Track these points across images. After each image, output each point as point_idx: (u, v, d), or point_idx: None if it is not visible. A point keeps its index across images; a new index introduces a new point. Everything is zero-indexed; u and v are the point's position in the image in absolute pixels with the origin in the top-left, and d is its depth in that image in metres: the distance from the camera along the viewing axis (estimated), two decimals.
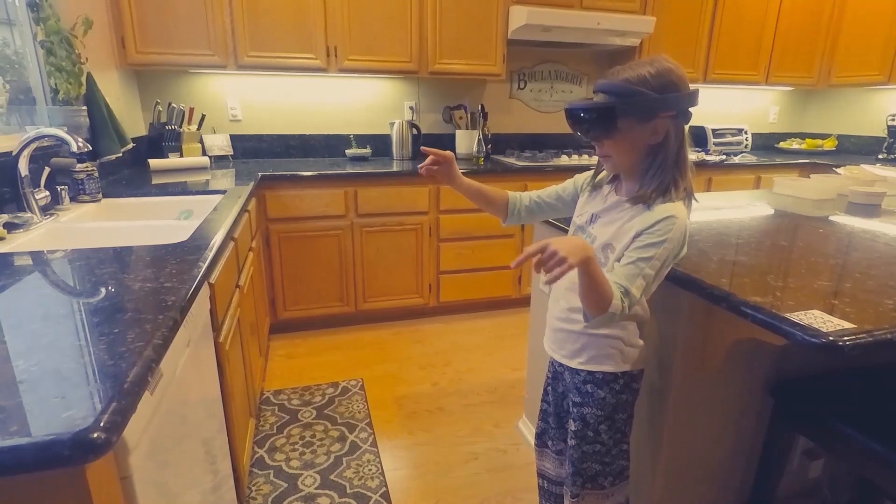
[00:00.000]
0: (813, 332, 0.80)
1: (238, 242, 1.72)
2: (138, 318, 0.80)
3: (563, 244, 0.84)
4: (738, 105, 4.16)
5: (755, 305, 0.90)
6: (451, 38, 2.91)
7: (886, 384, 1.21)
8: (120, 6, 2.38)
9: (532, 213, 1.32)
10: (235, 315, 1.59)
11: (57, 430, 0.52)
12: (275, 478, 1.74)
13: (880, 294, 0.97)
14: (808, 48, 3.75)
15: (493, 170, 2.96)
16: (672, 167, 1.00)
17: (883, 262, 1.16)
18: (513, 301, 3.16)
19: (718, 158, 3.50)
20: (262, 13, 2.58)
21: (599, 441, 1.13)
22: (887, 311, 0.89)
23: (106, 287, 0.94)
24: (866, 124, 3.95)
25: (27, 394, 0.60)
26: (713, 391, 1.27)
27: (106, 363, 0.67)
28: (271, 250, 2.63)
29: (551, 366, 1.26)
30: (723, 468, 1.37)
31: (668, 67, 0.98)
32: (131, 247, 1.19)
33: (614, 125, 0.98)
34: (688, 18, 3.37)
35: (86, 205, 1.77)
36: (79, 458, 0.53)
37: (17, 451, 0.51)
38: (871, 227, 1.55)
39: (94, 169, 1.83)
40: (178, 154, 2.68)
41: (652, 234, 0.95)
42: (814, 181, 2.05)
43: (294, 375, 2.40)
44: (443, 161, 1.24)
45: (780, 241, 1.36)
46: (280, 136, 3.11)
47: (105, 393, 0.59)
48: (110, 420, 0.55)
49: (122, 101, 2.48)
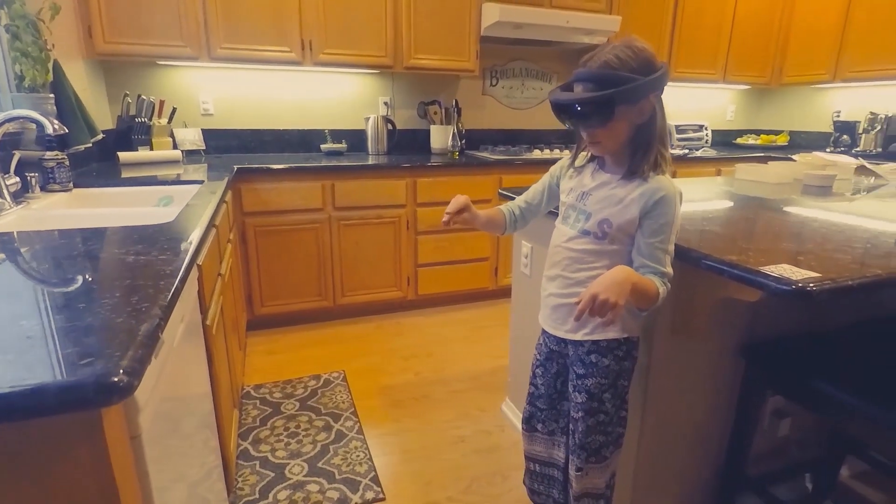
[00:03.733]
0: (785, 280, 0.87)
1: (219, 231, 1.70)
2: (138, 285, 0.80)
3: (607, 288, 0.95)
4: (698, 103, 4.35)
5: (732, 263, 0.97)
6: (425, 33, 2.95)
7: (842, 344, 1.30)
8: None
9: (525, 217, 1.37)
10: (219, 302, 1.57)
11: (78, 376, 0.53)
12: (261, 468, 1.72)
13: (839, 252, 1.05)
14: (762, 49, 3.96)
15: (467, 164, 3.00)
16: (657, 141, 1.06)
17: (837, 231, 1.25)
18: (490, 293, 3.21)
19: (682, 153, 3.65)
20: (236, 4, 2.55)
21: (604, 410, 1.17)
22: (846, 264, 0.97)
23: (100, 260, 0.93)
24: (815, 120, 4.18)
25: (39, 348, 0.59)
26: (691, 357, 1.34)
27: (115, 320, 0.66)
28: (247, 245, 2.59)
29: (544, 346, 1.28)
30: (702, 430, 1.44)
31: (642, 47, 1.04)
32: (119, 227, 1.17)
33: (611, 113, 1.01)
34: (651, 18, 3.51)
35: (56, 194, 1.72)
36: (103, 400, 0.53)
37: (41, 393, 0.51)
38: (826, 204, 1.66)
39: (65, 158, 1.77)
40: (147, 147, 2.62)
41: (658, 217, 1.05)
42: (772, 167, 2.17)
43: (274, 370, 2.37)
44: (462, 208, 1.25)
45: (747, 216, 1.45)
46: (254, 131, 3.07)
47: (122, 343, 0.60)
48: (130, 365, 0.56)
49: (88, 92, 2.41)
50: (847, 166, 2.26)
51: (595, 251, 1.13)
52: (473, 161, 3.04)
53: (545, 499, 1.39)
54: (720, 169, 3.68)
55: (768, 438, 1.54)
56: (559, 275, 1.19)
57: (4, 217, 1.37)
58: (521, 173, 3.03)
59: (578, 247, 1.15)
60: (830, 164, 2.20)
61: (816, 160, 2.26)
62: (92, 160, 2.39)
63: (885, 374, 1.15)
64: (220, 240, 1.75)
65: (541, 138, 3.72)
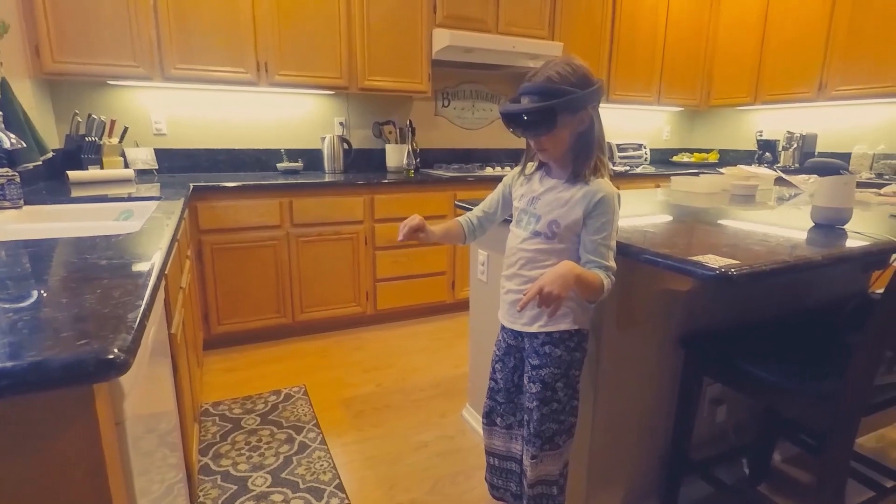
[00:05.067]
0: (709, 267, 0.99)
1: (180, 245, 1.71)
2: (117, 284, 0.83)
3: (552, 281, 1.06)
4: (637, 124, 4.66)
5: (665, 254, 1.09)
6: (379, 56, 3.06)
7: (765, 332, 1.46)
8: (34, 11, 2.29)
9: (483, 225, 1.46)
10: (182, 314, 1.57)
11: (79, 353, 0.57)
12: (223, 482, 1.71)
13: (757, 246, 1.20)
14: (691, 74, 4.32)
15: (423, 181, 3.10)
16: (597, 148, 1.19)
17: (756, 231, 1.42)
18: (448, 306, 3.29)
19: (623, 169, 3.90)
20: (190, 25, 2.58)
21: (556, 399, 1.26)
22: (761, 254, 1.11)
23: (72, 263, 0.95)
24: (741, 139, 4.57)
25: (38, 333, 0.63)
26: (636, 349, 1.46)
27: (102, 311, 0.70)
28: (203, 263, 2.57)
29: (503, 341, 1.38)
30: (649, 418, 1.55)
31: (580, 64, 1.18)
32: (87, 237, 1.18)
33: (554, 122, 1.14)
34: (589, 44, 3.78)
35: (7, 210, 1.68)
36: (102, 374, 0.57)
37: (44, 367, 0.54)
38: (748, 211, 1.86)
39: (16, 175, 1.74)
40: (98, 167, 2.58)
41: (599, 216, 1.17)
42: (702, 179, 2.39)
43: (233, 387, 2.35)
44: (417, 228, 1.32)
45: (681, 220, 1.61)
46: (208, 151, 3.06)
47: (114, 327, 0.64)
48: (124, 345, 0.60)
49: (36, 110, 2.36)
50: (767, 177, 2.51)
51: (546, 250, 1.24)
52: (428, 178, 3.15)
53: (503, 493, 1.47)
54: (658, 183, 3.94)
55: (708, 424, 1.67)
56: (516, 273, 1.29)
57: None
58: (474, 189, 3.16)
59: (531, 247, 1.26)
60: (753, 176, 2.43)
61: (741, 172, 2.50)
62: (40, 179, 2.33)
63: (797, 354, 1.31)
64: (181, 254, 1.75)
65: (492, 157, 3.89)
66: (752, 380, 1.26)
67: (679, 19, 4.14)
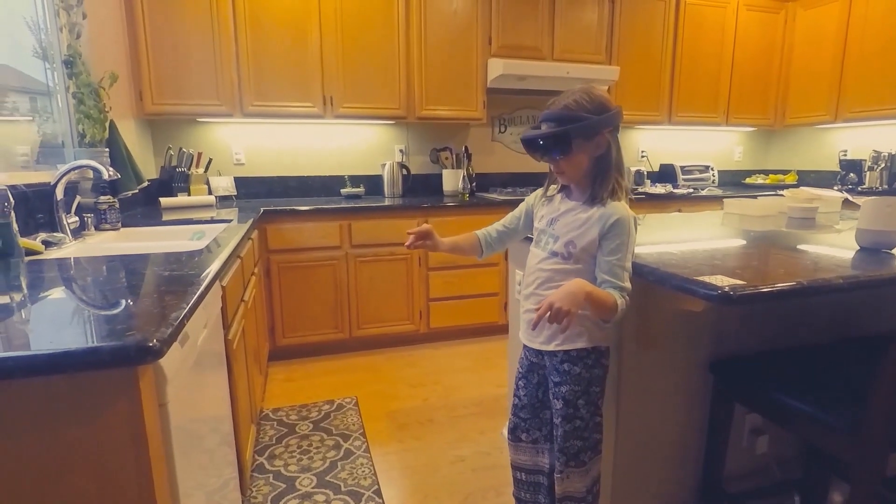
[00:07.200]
0: (711, 287, 1.00)
1: (244, 262, 1.92)
2: (171, 290, 1.00)
3: (561, 298, 1.10)
4: (704, 145, 4.50)
5: (671, 273, 1.11)
6: (435, 86, 3.24)
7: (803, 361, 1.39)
8: (139, 62, 2.69)
9: (502, 240, 1.53)
10: (241, 324, 1.77)
11: (125, 341, 0.72)
12: (274, 480, 1.87)
13: (780, 268, 1.18)
14: (762, 93, 4.14)
15: (476, 203, 3.21)
16: (615, 171, 1.24)
17: (790, 253, 1.38)
18: (500, 327, 3.33)
19: (685, 192, 3.78)
20: (266, 66, 2.90)
21: (579, 416, 1.29)
22: (779, 277, 1.10)
23: (143, 275, 1.14)
24: (823, 159, 4.27)
25: (97, 325, 0.79)
26: (658, 369, 1.45)
27: (152, 311, 0.86)
28: (271, 280, 2.82)
29: (525, 359, 1.42)
30: (677, 446, 1.52)
31: (598, 94, 1.24)
32: (157, 253, 1.40)
33: (569, 146, 1.21)
34: (649, 68, 3.74)
35: (107, 231, 1.98)
36: (140, 358, 0.71)
37: (99, 351, 0.70)
38: (797, 232, 1.78)
39: (116, 202, 2.05)
40: (186, 194, 2.92)
41: (614, 237, 1.20)
42: (758, 201, 2.30)
43: (291, 395, 2.54)
44: (424, 235, 1.43)
45: (713, 241, 1.58)
46: (280, 178, 3.37)
47: (156, 322, 0.79)
48: (161, 336, 0.74)
49: (137, 146, 2.75)
50: (832, 200, 2.37)
51: (563, 270, 1.29)
52: (482, 201, 3.25)
53: None
54: None
55: (748, 455, 1.60)
56: (534, 293, 1.35)
57: (65, 248, 1.62)
58: None
59: (549, 267, 1.31)
60: (816, 198, 2.31)
61: (802, 194, 2.37)
62: (138, 205, 2.69)
63: (828, 384, 1.25)
64: (245, 270, 1.97)
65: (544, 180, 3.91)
66: (780, 407, 1.22)
67: (748, 36, 4.00)
